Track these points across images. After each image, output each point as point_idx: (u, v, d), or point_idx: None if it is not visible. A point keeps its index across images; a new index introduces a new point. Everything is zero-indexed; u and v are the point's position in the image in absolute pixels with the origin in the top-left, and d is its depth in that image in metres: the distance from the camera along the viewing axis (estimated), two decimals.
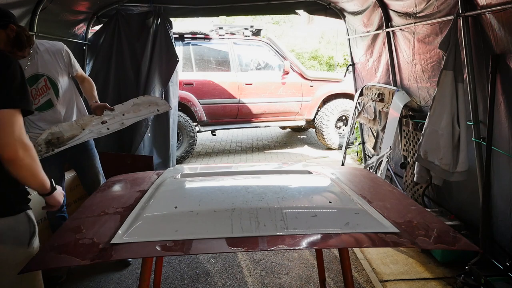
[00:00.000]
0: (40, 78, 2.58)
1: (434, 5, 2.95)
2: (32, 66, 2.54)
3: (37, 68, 2.57)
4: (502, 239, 2.61)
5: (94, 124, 2.81)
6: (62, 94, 2.66)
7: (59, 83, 2.63)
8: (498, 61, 2.41)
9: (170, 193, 1.79)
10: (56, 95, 2.64)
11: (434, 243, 1.42)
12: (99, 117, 2.81)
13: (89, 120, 2.79)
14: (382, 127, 4.18)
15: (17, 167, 1.41)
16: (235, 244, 1.31)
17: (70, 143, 2.70)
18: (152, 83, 4.55)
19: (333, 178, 1.96)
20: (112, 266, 3.05)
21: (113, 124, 2.89)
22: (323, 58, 13.55)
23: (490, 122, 2.53)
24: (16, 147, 1.38)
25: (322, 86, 6.74)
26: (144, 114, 3.06)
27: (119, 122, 2.92)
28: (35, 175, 1.49)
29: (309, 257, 3.19)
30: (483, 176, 2.63)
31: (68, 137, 2.68)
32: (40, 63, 2.57)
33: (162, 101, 3.09)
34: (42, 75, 2.59)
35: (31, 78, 2.55)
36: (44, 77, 2.59)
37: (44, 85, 2.60)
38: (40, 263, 1.31)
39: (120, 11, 4.47)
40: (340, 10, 4.85)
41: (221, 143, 7.62)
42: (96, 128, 2.81)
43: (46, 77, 2.60)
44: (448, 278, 2.81)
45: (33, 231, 1.58)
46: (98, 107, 2.77)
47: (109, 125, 2.87)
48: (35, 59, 2.55)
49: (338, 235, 1.37)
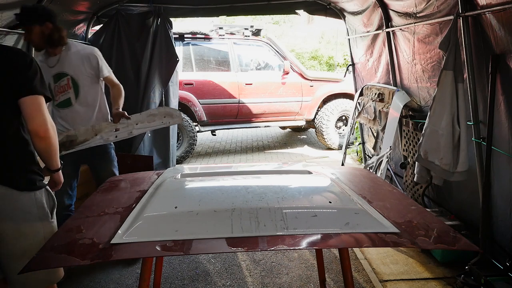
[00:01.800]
0: (63, 77, 2.71)
1: (434, 5, 2.95)
2: (59, 65, 2.69)
3: (63, 67, 2.70)
4: (502, 239, 2.61)
5: (107, 131, 2.85)
6: (82, 95, 2.75)
7: (81, 84, 2.74)
8: (498, 61, 2.41)
9: (170, 193, 1.79)
10: (75, 95, 2.75)
11: (434, 243, 1.42)
12: (114, 125, 2.86)
13: (105, 127, 2.84)
14: (382, 127, 4.18)
15: (47, 143, 1.67)
16: (235, 244, 1.31)
17: (79, 147, 2.75)
18: (152, 83, 4.55)
19: (333, 178, 1.96)
20: (112, 266, 3.05)
21: (122, 133, 2.92)
22: (323, 58, 13.55)
23: (490, 122, 2.53)
24: (47, 126, 1.66)
25: (322, 86, 6.74)
26: (155, 125, 3.10)
27: (129, 131, 2.95)
28: (56, 151, 1.76)
29: (309, 257, 3.19)
30: (483, 176, 2.63)
31: (80, 141, 2.75)
32: (67, 63, 2.70)
33: (177, 113, 3.11)
34: (66, 74, 2.71)
35: (56, 76, 2.70)
36: (67, 77, 2.72)
37: (66, 84, 2.72)
38: (40, 263, 1.30)
39: (120, 11, 4.47)
40: (340, 10, 4.85)
41: (221, 143, 7.62)
42: (107, 135, 2.86)
43: (70, 77, 2.72)
44: (448, 278, 2.81)
45: (53, 204, 1.82)
46: (116, 115, 2.83)
47: (119, 133, 2.90)
48: (64, 58, 2.69)
49: (338, 235, 1.37)
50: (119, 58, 4.53)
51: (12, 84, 1.62)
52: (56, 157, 1.78)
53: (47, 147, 1.69)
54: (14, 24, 2.48)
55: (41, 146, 1.67)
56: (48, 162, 1.78)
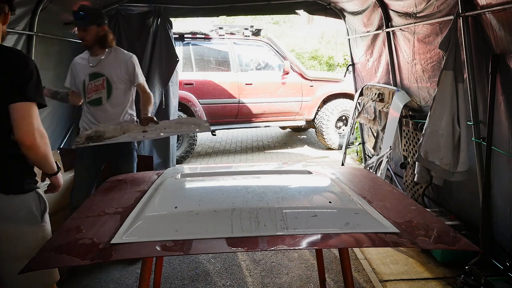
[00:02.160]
0: (99, 77, 2.88)
1: (434, 5, 2.95)
2: (100, 65, 2.87)
3: (101, 68, 2.87)
4: (502, 239, 2.61)
5: (135, 132, 2.92)
6: (113, 97, 2.90)
7: (114, 87, 2.89)
8: (498, 61, 2.41)
9: (170, 193, 1.79)
10: (107, 96, 2.89)
11: (434, 243, 1.42)
12: (142, 127, 2.93)
13: (133, 128, 2.92)
14: (382, 127, 4.18)
15: (34, 152, 1.59)
16: (235, 244, 1.31)
17: (105, 141, 2.81)
18: (152, 83, 4.54)
19: (333, 178, 1.96)
20: (112, 266, 3.05)
21: (151, 134, 2.98)
22: (323, 58, 13.54)
23: (490, 122, 2.53)
24: (34, 135, 1.57)
25: (322, 86, 6.74)
26: (183, 131, 3.17)
27: (157, 133, 3.00)
28: (47, 159, 1.67)
29: (309, 257, 3.19)
30: (483, 176, 2.63)
31: (107, 137, 2.81)
32: (106, 65, 2.88)
33: (204, 124, 3.14)
34: (103, 75, 2.87)
35: (92, 74, 2.88)
36: (103, 77, 2.87)
37: (100, 84, 2.88)
38: (40, 263, 1.30)
39: (120, 11, 4.46)
40: (340, 10, 4.85)
41: (221, 143, 7.62)
42: (135, 135, 2.93)
43: (105, 78, 2.87)
44: (448, 278, 2.81)
45: (44, 208, 1.74)
46: (145, 119, 2.91)
47: (146, 135, 2.97)
48: (104, 60, 2.88)
49: (338, 235, 1.37)
50: None
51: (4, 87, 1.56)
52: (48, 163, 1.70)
53: (35, 156, 1.62)
54: (68, 22, 2.69)
55: (29, 154, 1.61)
56: (41, 168, 1.73)
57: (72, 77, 2.98)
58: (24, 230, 1.66)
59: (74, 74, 2.96)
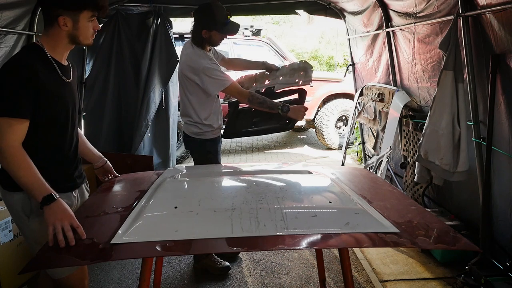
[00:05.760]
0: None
1: (434, 5, 2.95)
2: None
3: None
4: (502, 239, 2.61)
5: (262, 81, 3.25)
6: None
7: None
8: (498, 61, 2.41)
9: (170, 193, 1.79)
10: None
11: (434, 243, 1.42)
12: (267, 76, 3.26)
13: (261, 77, 3.28)
14: (382, 127, 4.18)
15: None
16: (235, 244, 1.31)
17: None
18: (152, 83, 4.54)
19: (333, 178, 1.96)
20: (112, 266, 3.05)
21: (271, 82, 3.18)
22: (323, 58, 13.53)
23: (490, 122, 2.53)
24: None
25: (322, 86, 6.73)
26: (290, 82, 3.27)
27: (274, 84, 3.18)
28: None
29: (309, 257, 3.19)
30: (483, 176, 2.63)
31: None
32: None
33: (310, 69, 3.17)
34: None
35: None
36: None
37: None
38: (40, 263, 1.31)
39: (120, 11, 4.46)
40: (340, 10, 4.85)
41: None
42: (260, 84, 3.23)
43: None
44: (448, 278, 2.80)
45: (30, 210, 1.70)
46: (264, 64, 3.32)
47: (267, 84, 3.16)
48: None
49: (338, 235, 1.37)
50: (119, 58, 4.52)
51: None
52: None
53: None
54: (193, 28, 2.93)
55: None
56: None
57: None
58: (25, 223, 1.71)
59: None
